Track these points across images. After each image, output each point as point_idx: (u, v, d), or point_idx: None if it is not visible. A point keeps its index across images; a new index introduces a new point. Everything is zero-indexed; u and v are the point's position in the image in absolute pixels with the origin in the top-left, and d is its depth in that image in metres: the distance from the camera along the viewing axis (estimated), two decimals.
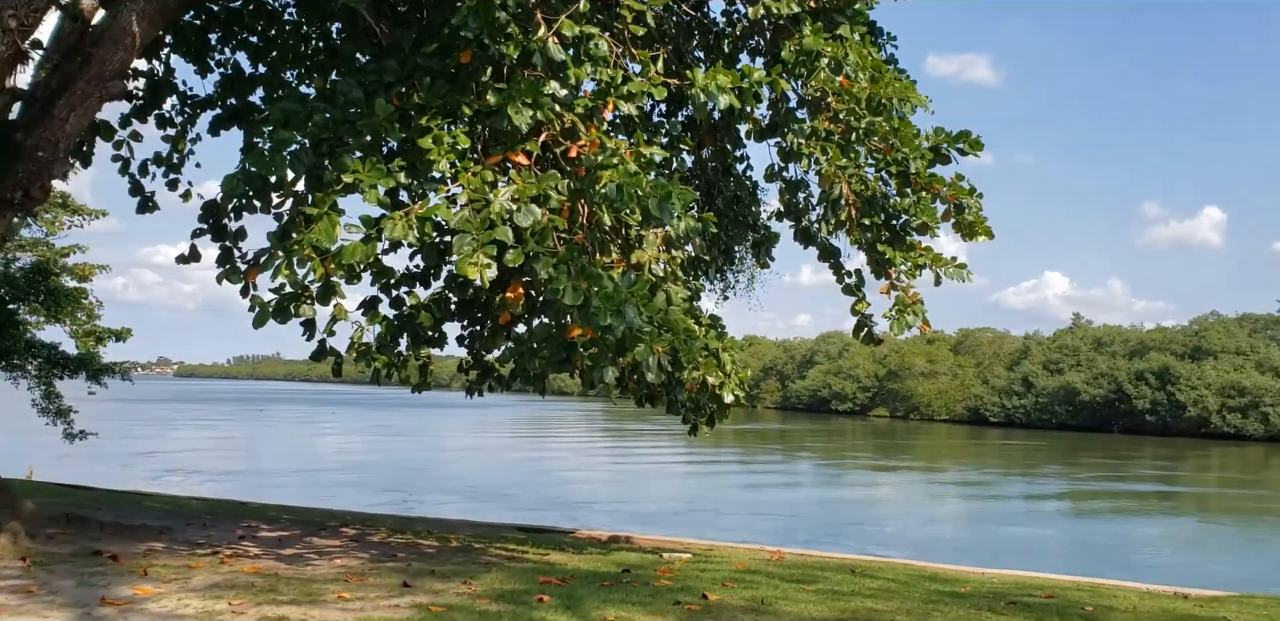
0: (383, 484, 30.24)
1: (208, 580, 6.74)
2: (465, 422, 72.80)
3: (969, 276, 9.08)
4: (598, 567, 8.16)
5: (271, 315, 7.47)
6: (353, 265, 7.39)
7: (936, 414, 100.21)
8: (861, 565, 9.48)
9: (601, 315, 6.83)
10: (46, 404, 20.39)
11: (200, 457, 38.97)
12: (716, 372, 8.14)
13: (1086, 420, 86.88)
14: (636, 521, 22.82)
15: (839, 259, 9.84)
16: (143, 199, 10.25)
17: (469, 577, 7.19)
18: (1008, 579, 9.27)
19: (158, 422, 63.04)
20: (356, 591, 6.46)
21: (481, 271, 6.78)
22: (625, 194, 7.14)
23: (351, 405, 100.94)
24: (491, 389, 10.30)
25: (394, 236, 6.97)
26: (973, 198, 9.14)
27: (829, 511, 27.22)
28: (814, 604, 6.53)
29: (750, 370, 36.25)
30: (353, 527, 11.54)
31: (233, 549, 8.95)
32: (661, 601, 6.33)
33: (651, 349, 7.27)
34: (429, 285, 9.52)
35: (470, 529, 13.03)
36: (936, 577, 8.70)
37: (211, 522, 11.27)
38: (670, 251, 9.03)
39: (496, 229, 6.93)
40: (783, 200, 10.34)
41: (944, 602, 6.95)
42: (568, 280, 6.98)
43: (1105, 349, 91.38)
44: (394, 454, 43.97)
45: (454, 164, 7.43)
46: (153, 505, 14.03)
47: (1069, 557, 20.66)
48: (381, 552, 9.08)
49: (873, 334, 9.62)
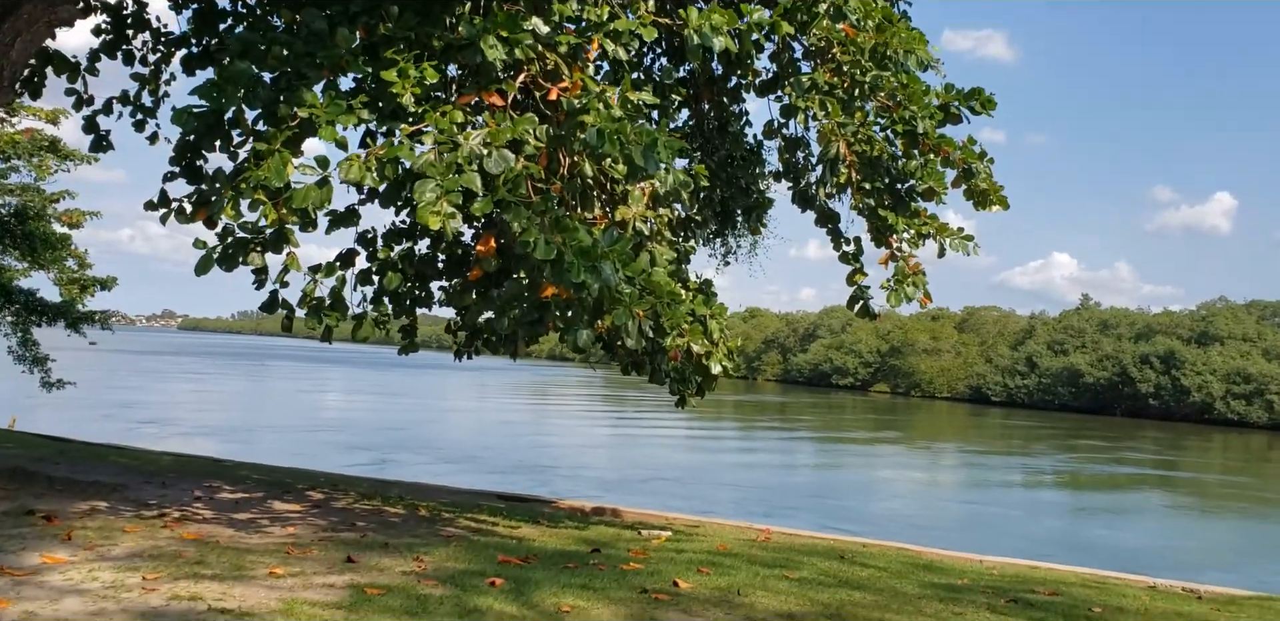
0: (368, 444, 29.77)
1: (135, 547, 6.18)
2: (460, 385, 72.48)
3: (975, 249, 8.44)
4: (567, 545, 7.59)
5: (216, 262, 6.84)
6: (306, 210, 6.78)
7: (938, 391, 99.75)
8: (851, 550, 8.90)
9: (575, 271, 6.22)
10: (23, 351, 19.88)
11: (186, 411, 38.58)
12: (702, 340, 7.52)
13: (1089, 402, 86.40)
14: (625, 491, 22.35)
15: (837, 224, 9.19)
16: (96, 137, 9.63)
17: (423, 553, 6.62)
18: (1008, 570, 8.70)
19: (153, 374, 62.75)
20: (294, 566, 5.89)
21: (445, 221, 6.15)
22: (607, 140, 6.49)
23: (348, 364, 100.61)
24: (478, 352, 9.68)
25: (349, 178, 6.32)
26: (983, 162, 8.47)
27: (824, 488, 26.72)
28: (794, 595, 5.95)
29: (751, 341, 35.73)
30: (321, 491, 11.00)
31: (182, 511, 8.41)
32: (626, 588, 5.75)
33: (631, 312, 6.64)
34: (416, 242, 8.90)
35: (448, 495, 12.48)
36: (932, 567, 8.12)
37: (172, 481, 10.74)
38: (657, 209, 8.40)
39: (464, 174, 6.29)
40: (781, 159, 9.68)
41: (939, 598, 6.37)
42: (539, 232, 6.34)
43: (1111, 331, 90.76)
44: (384, 414, 43.54)
45: (419, 100, 6.77)
46: (120, 460, 13.52)
47: (1069, 542, 20.16)
48: (341, 520, 8.53)
49: (868, 307, 8.99)
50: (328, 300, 7.51)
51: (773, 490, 25.09)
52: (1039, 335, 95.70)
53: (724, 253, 15.02)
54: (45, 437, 18.98)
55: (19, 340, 19.89)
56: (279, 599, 4.93)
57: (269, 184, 6.35)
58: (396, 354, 9.68)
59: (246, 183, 6.40)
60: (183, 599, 4.79)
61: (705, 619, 5.17)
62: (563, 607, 5.10)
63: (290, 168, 6.45)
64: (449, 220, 6.15)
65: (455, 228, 6.21)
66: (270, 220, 6.51)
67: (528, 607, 5.03)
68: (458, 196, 6.22)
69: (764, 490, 24.96)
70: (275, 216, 6.49)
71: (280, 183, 6.35)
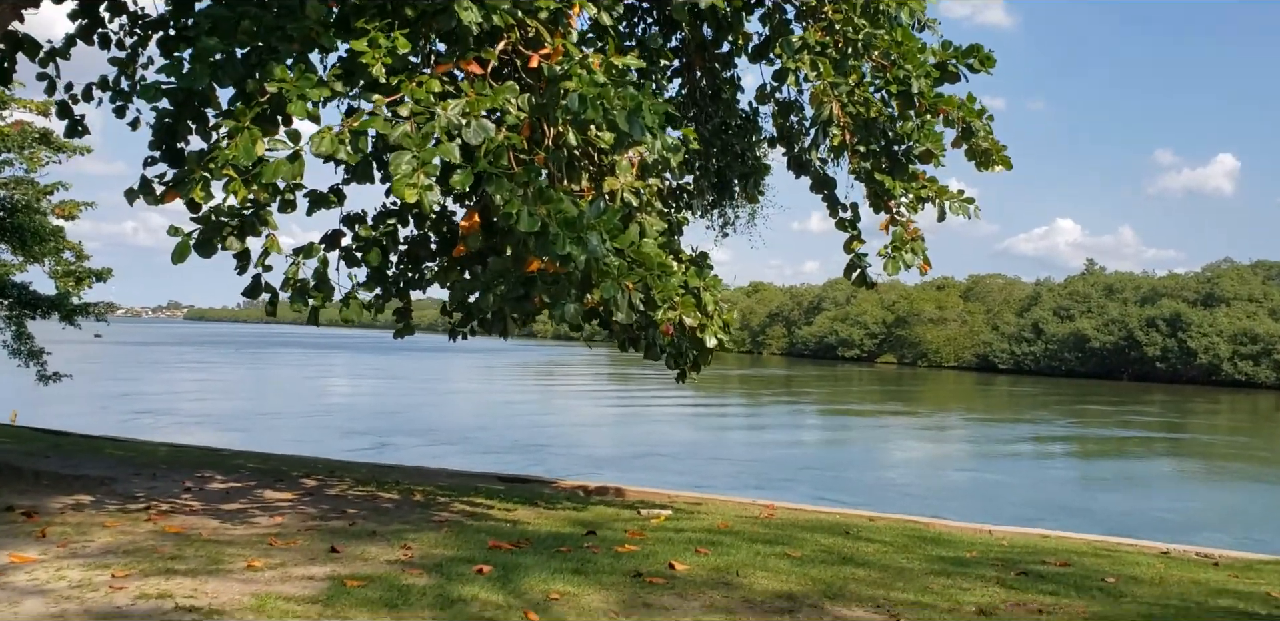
0: (369, 429, 29.61)
1: (111, 543, 5.96)
2: (464, 367, 72.35)
3: (976, 211, 8.16)
4: (561, 528, 7.36)
5: (194, 248, 6.59)
6: (279, 189, 6.53)
7: (945, 361, 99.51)
8: (857, 525, 8.67)
9: (560, 243, 5.96)
10: (18, 345, 19.68)
11: (186, 401, 38.41)
12: (695, 313, 7.24)
13: (1096, 367, 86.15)
14: (628, 469, 22.17)
15: (833, 190, 8.91)
16: (71, 122, 9.38)
17: (411, 540, 6.40)
18: (1017, 540, 8.47)
19: (155, 365, 62.70)
20: (274, 557, 5.67)
21: (422, 194, 5.88)
22: (589, 106, 6.21)
23: (352, 350, 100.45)
24: (473, 332, 9.43)
25: (320, 151, 6.05)
26: (983, 120, 8.18)
27: (831, 460, 26.51)
28: (793, 575, 5.72)
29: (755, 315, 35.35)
30: (316, 478, 10.80)
31: (170, 503, 8.22)
32: (619, 572, 5.52)
33: (619, 284, 6.38)
34: (408, 223, 8.63)
35: (446, 478, 12.29)
36: (939, 540, 7.89)
37: (164, 473, 10.55)
38: (646, 179, 8.12)
39: (441, 145, 6.03)
40: (775, 124, 9.40)
41: (946, 573, 6.14)
42: (522, 204, 6.07)
43: (1116, 295, 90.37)
44: (386, 398, 43.40)
45: (393, 70, 6.49)
46: (115, 452, 13.34)
47: (1079, 509, 19.97)
48: (332, 508, 8.32)
49: (866, 275, 8.72)
50: (312, 281, 7.24)
51: (778, 464, 24.90)
52: (1044, 301, 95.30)
53: (722, 224, 14.74)
54: (43, 431, 18.83)
55: (13, 334, 19.69)
56: (252, 594, 4.70)
57: (238, 162, 6.10)
58: (393, 337, 9.47)
59: (215, 162, 6.15)
60: (150, 597, 4.57)
61: (700, 603, 4.94)
62: (551, 595, 4.87)
63: (261, 145, 6.19)
64: (426, 193, 5.88)
65: (433, 200, 5.95)
66: (240, 198, 6.26)
67: (514, 596, 4.80)
68: (435, 168, 5.97)
69: (769, 464, 24.78)
70: (244, 194, 6.24)
71: (249, 161, 6.09)
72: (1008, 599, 5.47)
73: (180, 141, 7.68)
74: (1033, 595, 5.61)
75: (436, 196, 5.97)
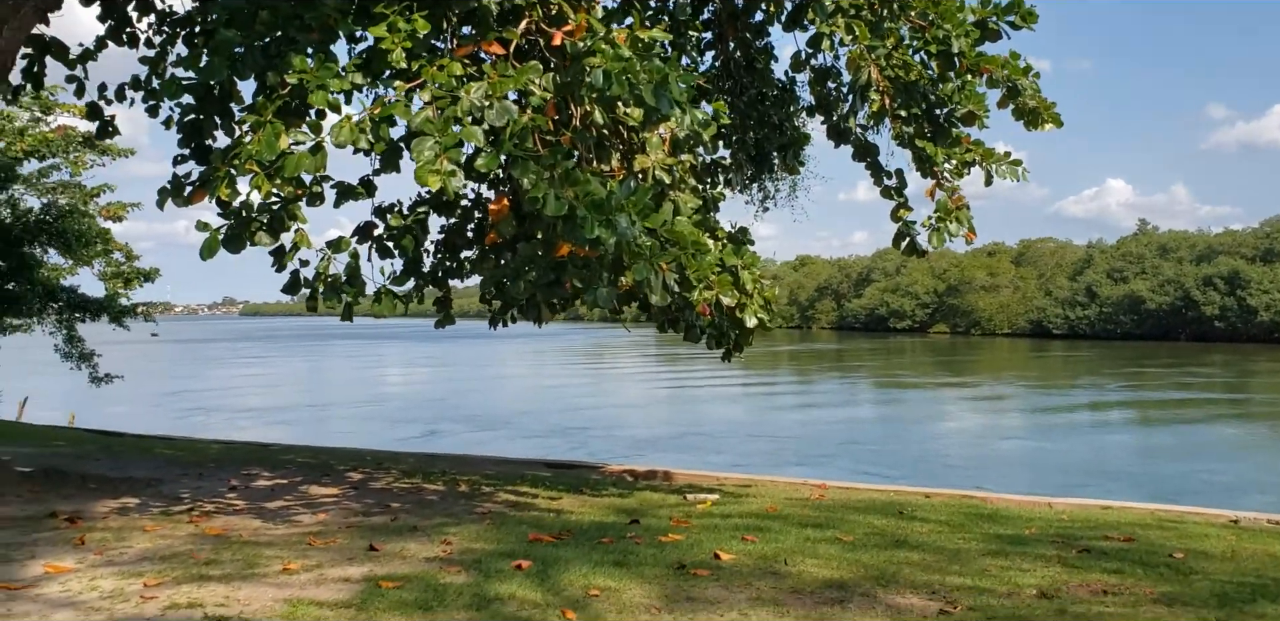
0: (419, 417, 29.75)
1: (149, 548, 5.88)
2: (512, 352, 72.64)
3: (1024, 173, 7.83)
4: (605, 516, 7.19)
5: (222, 244, 6.47)
6: (303, 181, 6.38)
7: (998, 328, 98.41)
8: (911, 503, 8.43)
9: (588, 227, 5.76)
10: (69, 348, 19.89)
11: (240, 397, 38.90)
12: (732, 292, 7.00)
13: (1152, 328, 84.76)
14: (678, 451, 22.05)
15: (876, 157, 8.60)
16: (102, 123, 9.36)
17: (452, 535, 6.27)
18: (1078, 514, 8.18)
19: (211, 362, 63.52)
20: (312, 558, 5.55)
21: (445, 180, 5.71)
22: (615, 81, 5.99)
23: (404, 339, 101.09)
24: (513, 319, 9.28)
25: (341, 140, 5.90)
26: (1029, 78, 7.84)
27: (884, 435, 26.19)
28: (844, 561, 5.50)
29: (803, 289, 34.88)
30: (362, 471, 10.74)
31: (214, 503, 8.17)
32: (662, 564, 5.34)
33: (653, 265, 6.17)
34: (442, 211, 8.47)
35: (493, 466, 12.19)
36: (996, 517, 7.63)
37: (211, 471, 10.54)
38: (678, 156, 7.89)
39: (464, 129, 5.86)
40: (813, 93, 9.11)
41: (1004, 552, 5.90)
42: (549, 187, 5.88)
43: (1171, 255, 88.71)
44: (436, 386, 43.65)
45: (412, 55, 6.32)
46: (166, 452, 13.40)
47: (1141, 476, 19.54)
48: (376, 502, 8.24)
49: (915, 244, 8.40)
50: (343, 276, 7.10)
51: (829, 441, 24.64)
52: (1097, 264, 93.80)
53: (762, 198, 14.45)
54: (97, 432, 19.06)
55: (64, 337, 19.89)
56: (285, 599, 4.58)
57: (261, 157, 5.96)
58: (434, 327, 9.36)
59: (239, 158, 6.02)
60: (180, 607, 4.46)
61: (746, 595, 4.75)
62: (590, 591, 4.70)
63: (285, 139, 6.06)
64: (449, 178, 5.71)
65: (456, 186, 5.79)
66: (264, 192, 6.12)
67: (552, 593, 4.64)
68: (458, 153, 5.81)
69: (820, 441, 24.52)
70: (268, 188, 6.10)
71: (272, 155, 5.96)
72: (1069, 579, 5.22)
73: (207, 138, 7.56)
74: (1096, 574, 5.36)
75: (460, 182, 5.80)
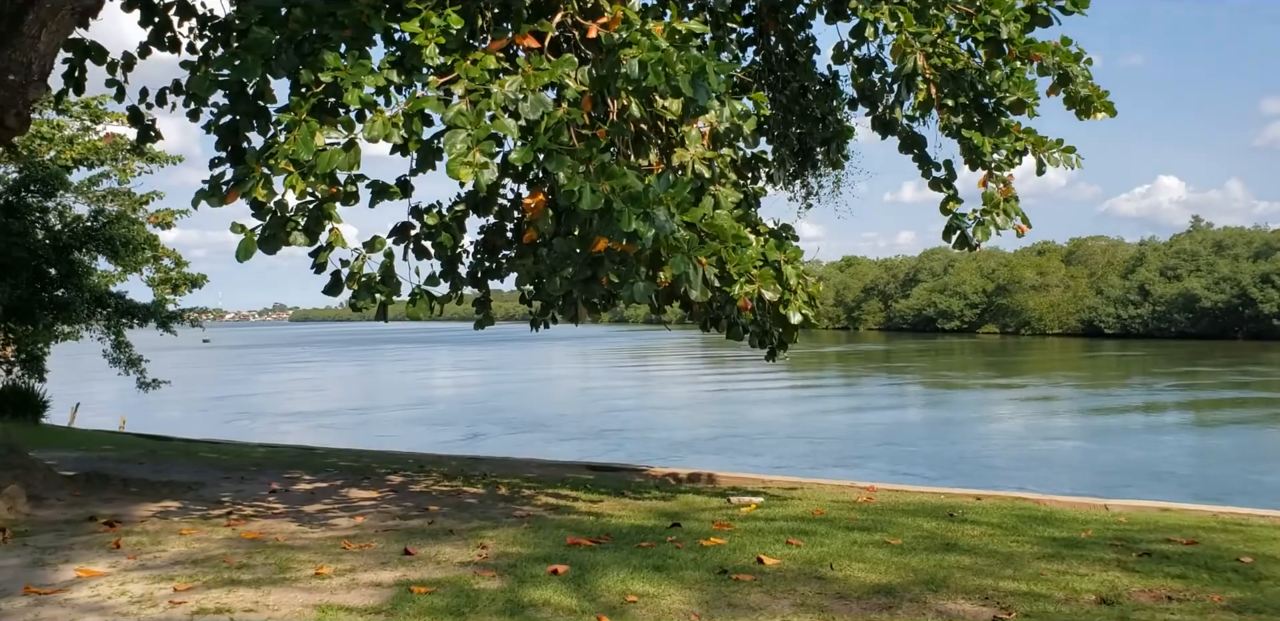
0: (463, 420, 29.77)
1: (183, 552, 5.80)
2: (559, 354, 72.72)
3: (1078, 160, 7.56)
4: (646, 520, 7.02)
5: (259, 245, 6.38)
6: (336, 178, 6.28)
7: (1049, 328, 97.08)
8: (962, 506, 8.17)
9: (625, 220, 5.60)
10: (118, 354, 20.07)
11: (287, 400, 39.23)
12: (774, 286, 6.79)
13: (1208, 327, 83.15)
14: (723, 453, 21.84)
15: (923, 149, 8.37)
16: (143, 129, 9.38)
17: (489, 539, 6.14)
18: (1136, 516, 7.89)
19: (259, 366, 64.12)
20: (345, 563, 5.44)
21: (477, 172, 5.59)
22: (650, 72, 5.83)
23: (452, 343, 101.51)
24: (555, 320, 9.16)
25: (373, 135, 5.79)
26: (1081, 65, 7.58)
27: (935, 436, 25.76)
28: (892, 565, 5.29)
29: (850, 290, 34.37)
30: (403, 474, 10.66)
31: (253, 507, 8.12)
32: (703, 568, 5.16)
33: (691, 259, 6.00)
34: (480, 210, 8.34)
35: (536, 469, 12.07)
36: (1051, 519, 7.37)
37: (253, 475, 10.52)
38: (719, 149, 7.71)
39: (497, 121, 5.74)
40: (855, 85, 8.89)
41: (1059, 557, 5.65)
42: (584, 181, 5.73)
43: (1227, 252, 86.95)
44: (481, 388, 43.74)
45: (445, 50, 6.21)
46: (210, 456, 13.42)
47: (1195, 478, 19.04)
48: (415, 505, 8.13)
49: (966, 237, 8.14)
50: (377, 276, 6.99)
51: (878, 442, 24.28)
52: (1150, 262, 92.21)
53: (805, 194, 14.21)
54: (146, 437, 19.20)
55: (113, 343, 20.08)
56: (315, 605, 4.45)
57: (297, 156, 5.87)
58: (474, 328, 9.26)
59: (274, 158, 5.93)
60: (208, 612, 4.34)
61: (790, 600, 4.55)
62: (628, 597, 4.53)
63: (321, 137, 5.96)
64: (481, 171, 5.59)
65: (489, 179, 5.66)
66: (298, 191, 6.02)
67: (588, 599, 4.48)
68: (491, 145, 5.68)
69: (869, 443, 24.18)
70: (303, 187, 6.00)
71: (309, 155, 5.85)
72: (1130, 585, 4.98)
73: (242, 140, 7.50)
74: (1159, 580, 5.11)
75: (492, 174, 5.67)
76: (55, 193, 18.02)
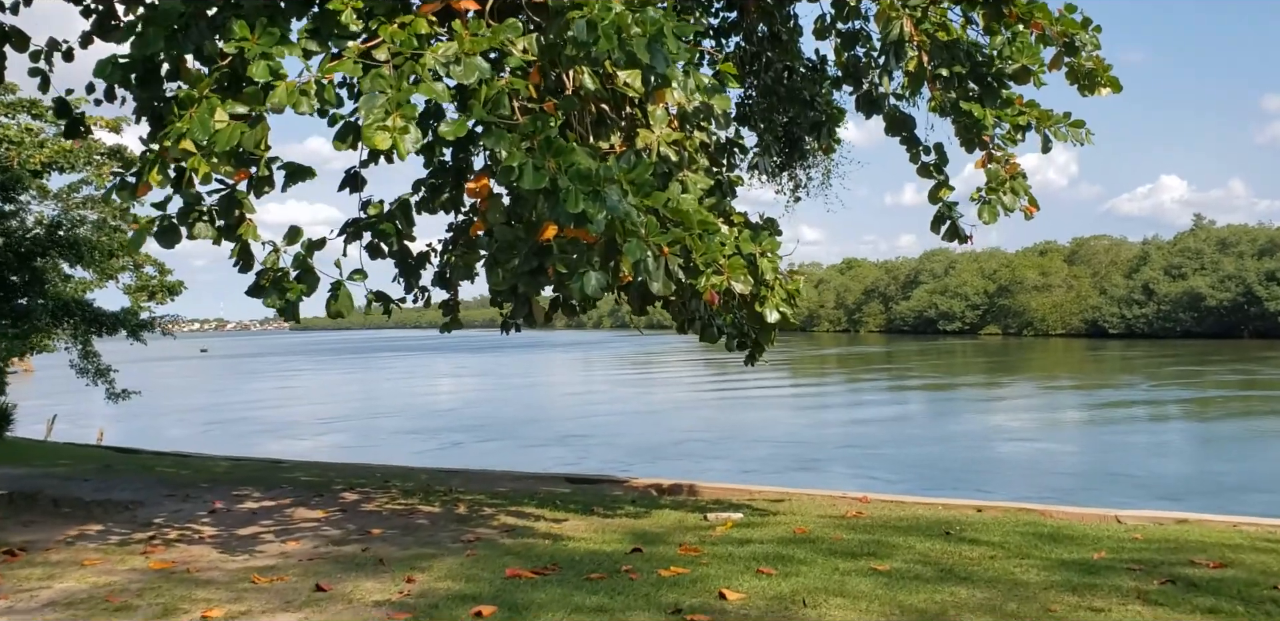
0: (448, 428, 29.13)
1: (68, 590, 5.06)
2: (559, 361, 71.91)
3: (1088, 136, 6.82)
4: (607, 544, 6.26)
5: (154, 235, 5.66)
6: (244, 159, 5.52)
7: (1052, 328, 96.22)
8: (961, 521, 7.41)
9: (571, 200, 4.87)
10: (85, 363, 19.35)
11: (268, 410, 38.55)
12: (745, 277, 6.01)
13: (1214, 326, 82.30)
14: (719, 458, 21.08)
15: (912, 131, 7.62)
16: (71, 121, 8.63)
17: (421, 570, 5.39)
18: (1152, 532, 7.12)
19: (252, 375, 63.48)
20: (243, 603, 4.70)
21: (396, 138, 4.84)
22: (601, 34, 5.08)
23: (449, 350, 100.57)
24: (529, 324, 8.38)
25: (278, 103, 5.03)
26: (1088, 32, 6.83)
27: (935, 440, 24.93)
28: (879, 601, 4.53)
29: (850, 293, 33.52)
30: (361, 491, 9.92)
31: (182, 531, 7.41)
32: (655, 608, 4.40)
33: (650, 246, 5.24)
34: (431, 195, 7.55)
35: (511, 482, 11.31)
36: (1059, 536, 6.60)
37: (201, 492, 9.82)
38: (689, 131, 6.96)
39: (423, 85, 5.01)
40: (839, 61, 8.16)
41: (1071, 585, 4.89)
42: (525, 157, 5.00)
43: (1231, 250, 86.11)
44: (474, 395, 43.03)
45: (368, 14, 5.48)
46: (168, 470, 12.72)
47: (1214, 483, 18.25)
48: (358, 528, 7.40)
49: (958, 228, 7.39)
50: (292, 271, 6.22)
51: (877, 448, 23.49)
52: (1154, 261, 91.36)
53: (793, 188, 13.58)
54: (117, 450, 18.51)
55: (80, 352, 19.38)
56: None
57: (194, 137, 5.12)
58: (439, 332, 8.53)
59: (171, 139, 5.18)
60: None
61: None
62: None
63: (222, 113, 5.21)
64: (401, 136, 4.83)
65: (410, 147, 4.90)
66: (200, 175, 5.26)
67: None
68: (413, 108, 4.94)
69: (867, 449, 23.39)
70: (205, 169, 5.24)
71: (206, 135, 5.11)
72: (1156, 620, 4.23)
73: None
74: (1187, 614, 4.36)
75: (415, 140, 4.91)
76: (14, 197, 17.30)
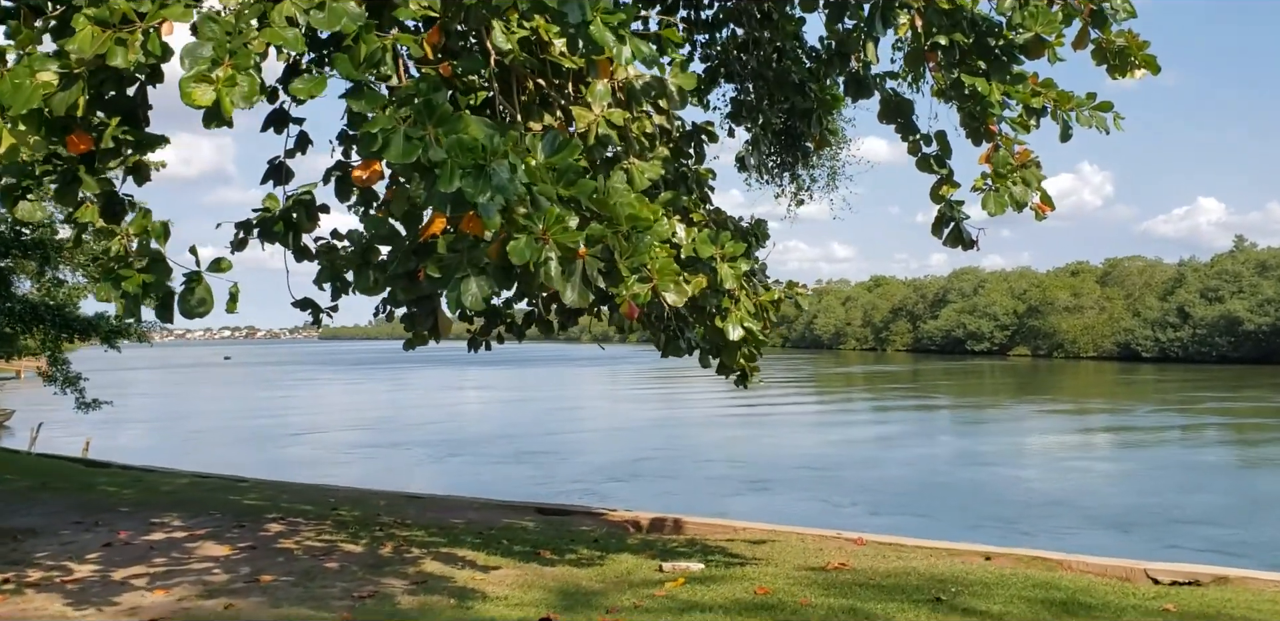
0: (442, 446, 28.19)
1: None
2: (579, 377, 70.85)
3: (1117, 121, 5.67)
4: (519, 607, 5.12)
5: None
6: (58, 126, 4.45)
7: (1083, 350, 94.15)
8: (961, 577, 6.22)
9: (445, 177, 3.75)
10: (53, 371, 18.44)
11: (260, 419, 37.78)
12: (679, 285, 4.84)
13: (1252, 351, 80.00)
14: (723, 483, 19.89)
15: (909, 117, 6.48)
16: None
17: None
18: (1186, 597, 5.89)
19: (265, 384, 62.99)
20: None
21: (222, 92, 3.72)
22: None
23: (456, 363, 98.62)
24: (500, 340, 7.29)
25: (84, 51, 3.96)
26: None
27: (954, 470, 23.55)
28: None
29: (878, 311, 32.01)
30: (291, 520, 8.89)
31: (50, 571, 6.52)
32: None
33: (553, 245, 4.12)
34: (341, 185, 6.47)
35: (474, 511, 10.23)
36: (1073, 603, 5.41)
37: (115, 518, 8.91)
38: (637, 112, 5.87)
39: (268, 30, 3.92)
40: (828, 36, 7.06)
41: None
42: (391, 120, 3.89)
43: (1271, 273, 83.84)
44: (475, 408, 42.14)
45: None
46: (108, 488, 11.76)
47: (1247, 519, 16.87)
48: (253, 571, 6.38)
49: (962, 231, 6.24)
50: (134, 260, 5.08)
51: (892, 477, 22.19)
52: (1190, 283, 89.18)
53: (795, 189, 12.55)
54: (86, 463, 17.59)
55: (48, 359, 18.49)
56: None
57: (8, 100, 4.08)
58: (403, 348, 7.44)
59: None
60: None
61: None
62: None
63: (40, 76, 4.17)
64: (229, 91, 3.72)
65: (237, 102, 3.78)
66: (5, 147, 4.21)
67: None
68: (248, 56, 3.82)
69: (882, 478, 22.07)
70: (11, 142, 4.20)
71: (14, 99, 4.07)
72: None
73: None
74: None
75: (245, 94, 3.79)
76: None
